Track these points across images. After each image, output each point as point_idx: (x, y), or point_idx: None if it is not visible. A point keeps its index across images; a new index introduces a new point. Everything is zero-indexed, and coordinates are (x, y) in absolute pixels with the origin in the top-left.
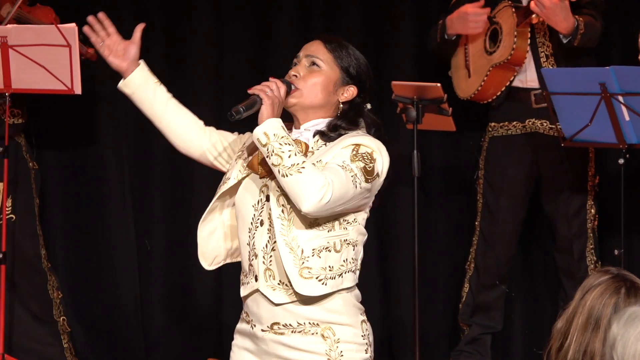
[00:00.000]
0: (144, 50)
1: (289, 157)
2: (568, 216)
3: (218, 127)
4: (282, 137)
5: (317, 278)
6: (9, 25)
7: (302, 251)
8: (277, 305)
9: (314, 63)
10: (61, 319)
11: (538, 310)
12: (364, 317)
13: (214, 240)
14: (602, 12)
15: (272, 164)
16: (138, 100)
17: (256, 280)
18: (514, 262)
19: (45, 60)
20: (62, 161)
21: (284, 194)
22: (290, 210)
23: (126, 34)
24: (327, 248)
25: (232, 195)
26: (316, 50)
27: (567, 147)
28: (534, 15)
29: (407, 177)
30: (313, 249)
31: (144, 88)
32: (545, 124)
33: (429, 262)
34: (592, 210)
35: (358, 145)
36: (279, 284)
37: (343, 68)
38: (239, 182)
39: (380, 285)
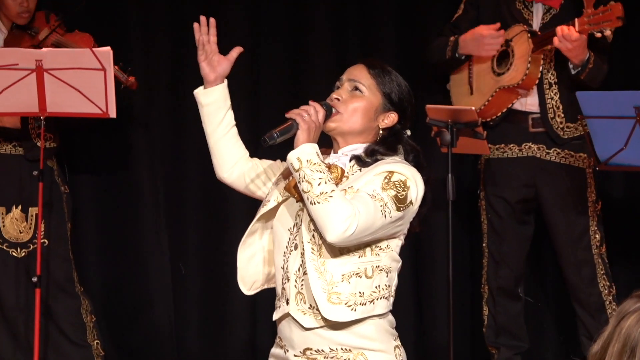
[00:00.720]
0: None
1: (319, 184)
2: (571, 243)
3: (252, 148)
4: (315, 163)
5: (346, 304)
6: (44, 49)
7: (332, 276)
8: (307, 329)
9: (356, 88)
10: (95, 342)
11: (568, 323)
12: (398, 343)
13: (253, 265)
14: (608, 57)
15: (303, 191)
16: (207, 114)
17: (287, 303)
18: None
19: (80, 84)
20: (96, 185)
21: (313, 220)
22: (321, 235)
23: (159, 58)
24: (357, 274)
25: (272, 218)
26: (359, 74)
27: (565, 173)
28: (549, 47)
29: (441, 201)
30: (342, 275)
31: (219, 105)
32: (542, 149)
33: (464, 286)
34: (597, 236)
35: (391, 172)
36: (309, 308)
37: (385, 94)
38: (278, 205)
39: (415, 309)
